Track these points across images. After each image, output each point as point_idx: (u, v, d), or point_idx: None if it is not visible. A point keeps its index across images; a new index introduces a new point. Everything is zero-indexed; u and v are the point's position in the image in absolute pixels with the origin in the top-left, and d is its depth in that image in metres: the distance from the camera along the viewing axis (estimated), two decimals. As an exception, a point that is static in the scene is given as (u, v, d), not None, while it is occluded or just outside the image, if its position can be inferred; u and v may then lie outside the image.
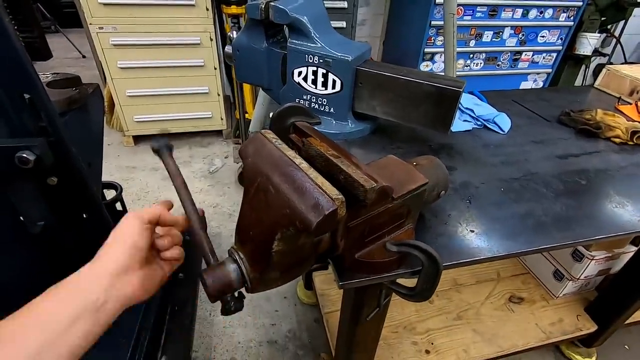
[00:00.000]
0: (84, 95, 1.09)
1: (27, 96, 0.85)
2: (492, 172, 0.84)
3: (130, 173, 2.30)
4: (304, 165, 0.44)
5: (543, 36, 2.74)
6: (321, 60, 0.87)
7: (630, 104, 1.18)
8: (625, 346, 1.44)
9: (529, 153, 0.93)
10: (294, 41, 0.88)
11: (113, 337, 1.15)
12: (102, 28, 2.07)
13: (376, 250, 0.57)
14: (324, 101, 0.93)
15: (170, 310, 1.40)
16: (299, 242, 0.46)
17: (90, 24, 2.05)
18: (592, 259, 1.20)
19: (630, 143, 0.97)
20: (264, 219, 0.44)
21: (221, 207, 2.07)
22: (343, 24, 2.39)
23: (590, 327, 1.26)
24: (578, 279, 1.26)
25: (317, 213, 0.38)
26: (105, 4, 2.00)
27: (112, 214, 1.35)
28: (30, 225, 1.00)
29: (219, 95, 2.49)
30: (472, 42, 2.64)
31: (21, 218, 0.98)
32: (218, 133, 2.72)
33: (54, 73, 1.13)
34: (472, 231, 0.67)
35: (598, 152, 0.95)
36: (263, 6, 0.85)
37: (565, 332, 1.24)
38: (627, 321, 1.27)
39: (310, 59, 0.88)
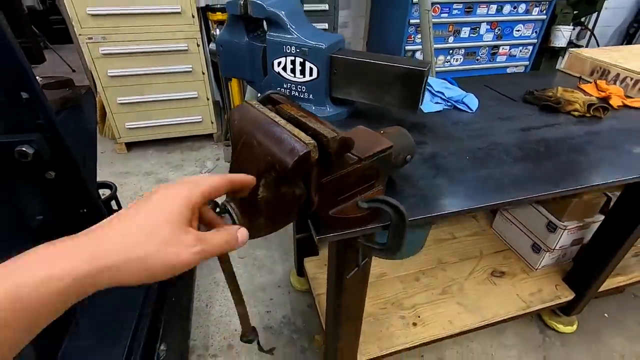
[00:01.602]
0: (77, 95, 1.15)
1: (25, 95, 0.92)
2: (460, 145, 0.91)
3: (124, 178, 2.35)
4: (283, 121, 0.51)
5: (518, 30, 2.86)
6: (298, 50, 0.94)
7: (591, 82, 1.27)
8: (605, 314, 1.52)
9: (494, 128, 1.00)
10: (272, 34, 0.96)
11: (112, 327, 1.20)
12: (91, 38, 2.14)
13: (349, 207, 0.63)
14: (303, 88, 1.00)
15: (168, 301, 1.45)
16: (282, 190, 0.52)
17: (80, 34, 2.12)
18: (565, 229, 1.27)
19: (588, 115, 1.06)
20: (250, 169, 0.51)
21: (214, 206, 2.12)
22: (325, 25, 2.48)
23: (568, 295, 1.33)
24: (554, 249, 1.34)
25: (293, 155, 0.45)
26: (93, 15, 2.06)
27: (108, 212, 1.40)
28: (29, 219, 1.05)
29: (208, 99, 2.56)
30: (451, 39, 2.74)
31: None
32: (209, 137, 2.78)
33: (48, 76, 1.19)
34: (439, 193, 0.74)
35: (558, 124, 1.03)
36: (242, 2, 0.93)
37: (544, 300, 1.31)
38: (602, 288, 1.35)
39: (288, 49, 0.95)
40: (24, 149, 0.91)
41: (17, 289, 0.25)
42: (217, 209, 0.55)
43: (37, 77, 1.18)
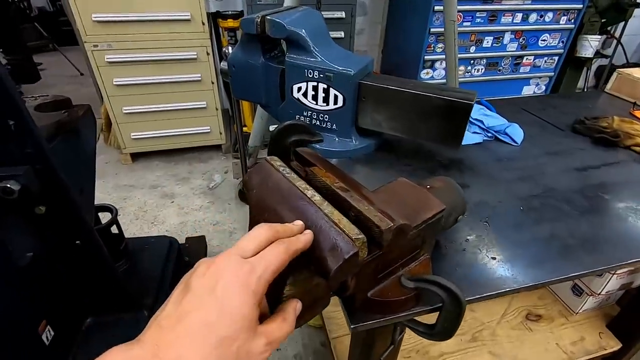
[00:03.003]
0: (74, 118, 1.04)
1: (11, 122, 0.81)
2: (509, 189, 0.78)
3: (128, 192, 2.25)
4: (317, 198, 0.38)
5: (544, 40, 2.70)
6: (321, 75, 0.82)
7: (646, 109, 1.13)
8: (650, 363, 1.37)
9: (545, 166, 0.87)
10: (293, 55, 0.84)
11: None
12: (96, 46, 2.05)
13: (390, 286, 0.51)
14: (326, 117, 0.88)
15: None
16: (313, 284, 0.40)
17: (85, 42, 2.03)
18: (614, 274, 1.13)
19: (652, 152, 0.92)
20: None
21: (222, 224, 2.01)
22: (341, 33, 2.36)
23: (614, 345, 1.19)
24: (599, 294, 1.20)
25: (335, 257, 0.33)
26: (99, 22, 1.97)
27: (107, 238, 1.29)
28: (18, 258, 0.95)
29: (217, 109, 2.45)
30: (473, 48, 2.60)
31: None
32: (217, 148, 2.67)
33: (43, 95, 1.08)
34: (494, 258, 0.61)
35: (618, 162, 0.89)
36: (259, 20, 0.81)
37: (588, 351, 1.17)
38: (652, 337, 1.20)
39: (310, 74, 0.83)
40: (9, 185, 0.80)
41: None
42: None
43: (32, 97, 1.08)
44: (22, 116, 0.81)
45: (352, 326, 0.50)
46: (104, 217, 1.33)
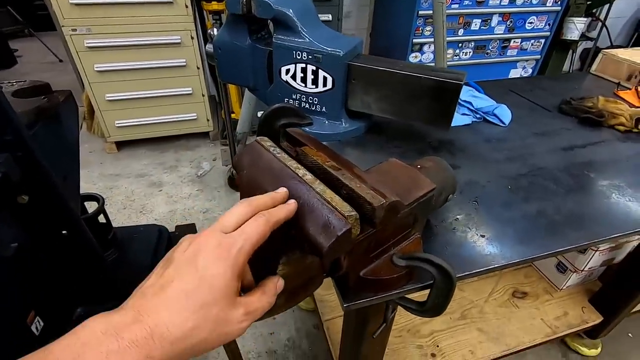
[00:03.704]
0: (54, 104, 1.01)
1: (-13, 108, 0.77)
2: (497, 169, 0.79)
3: (114, 181, 2.21)
4: (309, 177, 0.38)
5: (531, 22, 2.71)
6: (310, 57, 0.80)
7: (630, 89, 1.14)
8: (629, 334, 1.43)
9: (532, 146, 0.88)
10: (280, 37, 0.82)
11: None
12: (75, 30, 1.96)
13: (382, 265, 0.51)
14: (315, 100, 0.87)
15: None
16: (306, 263, 0.40)
17: (63, 26, 1.95)
18: (597, 250, 1.17)
19: (635, 130, 0.94)
20: (267, 241, 0.38)
21: (211, 212, 1.99)
22: (329, 16, 2.32)
23: (596, 319, 1.24)
24: (582, 270, 1.23)
25: (328, 235, 0.32)
26: (77, 4, 1.89)
27: (94, 228, 1.27)
28: (2, 248, 0.92)
29: (203, 95, 2.40)
30: (461, 31, 2.59)
31: (-8, 240, 0.90)
32: (205, 135, 2.63)
33: (21, 81, 1.04)
34: (483, 236, 0.62)
35: (603, 141, 0.91)
36: (245, 0, 0.78)
37: (571, 325, 1.22)
38: (633, 310, 1.25)
39: (298, 56, 0.81)
40: (-13, 173, 0.77)
41: None
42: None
43: (8, 82, 1.04)
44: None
45: (345, 305, 0.50)
46: (91, 207, 1.31)
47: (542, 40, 2.86)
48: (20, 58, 3.92)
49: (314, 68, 0.82)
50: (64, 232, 1.03)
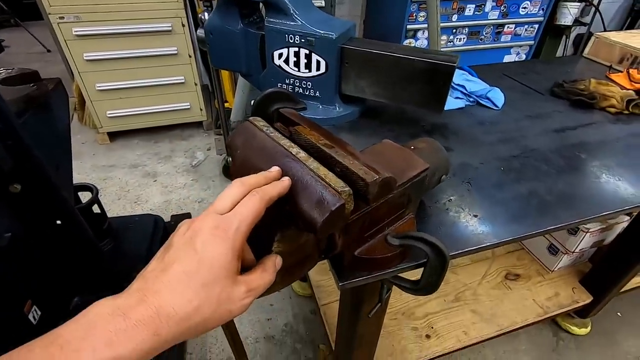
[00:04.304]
0: (44, 92, 0.99)
1: (-25, 96, 0.76)
2: (490, 151, 0.80)
3: (108, 172, 2.19)
4: (302, 155, 0.38)
5: (525, 7, 2.69)
6: (303, 40, 0.80)
7: (621, 71, 1.15)
8: (618, 313, 1.47)
9: (525, 129, 0.89)
10: (272, 20, 0.81)
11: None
12: (62, 18, 1.92)
13: (377, 244, 0.52)
14: (309, 84, 0.86)
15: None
16: (301, 241, 0.41)
17: (50, 13, 1.90)
18: (587, 232, 1.19)
19: (626, 112, 0.95)
20: (261, 219, 0.39)
21: (207, 201, 1.99)
22: (322, 2, 2.29)
23: (586, 299, 1.27)
24: (573, 252, 1.26)
25: (322, 210, 0.33)
26: (64, -9, 1.84)
27: (88, 218, 1.26)
28: (-5, 237, 0.92)
29: (196, 84, 2.38)
30: (455, 17, 2.57)
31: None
32: (198, 124, 2.61)
33: (9, 69, 1.02)
34: (475, 216, 0.63)
35: (594, 123, 0.92)
36: (235, -18, 0.77)
37: (562, 305, 1.25)
38: (621, 290, 1.28)
39: (291, 39, 0.81)
40: (-22, 162, 0.76)
41: None
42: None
43: (-5, 70, 1.02)
44: (-14, 89, 0.76)
45: (340, 284, 0.51)
46: (85, 197, 1.30)
47: (536, 26, 2.85)
48: (7, 49, 3.83)
49: (307, 52, 0.81)
50: (58, 222, 1.02)
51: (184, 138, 2.52)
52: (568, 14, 2.89)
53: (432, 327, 1.17)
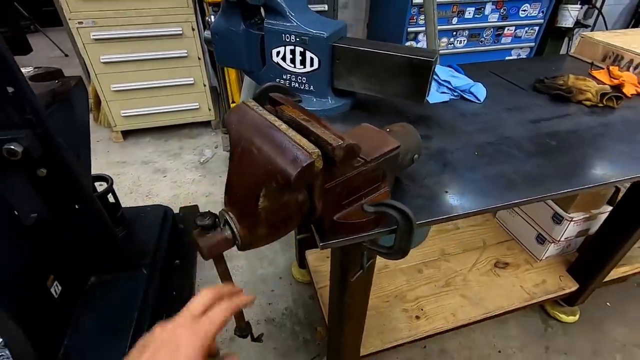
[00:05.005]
0: (67, 88, 1.10)
1: (10, 89, 0.87)
2: (468, 139, 0.87)
3: (121, 168, 2.31)
4: (283, 126, 0.47)
5: (524, 10, 2.75)
6: (298, 39, 0.89)
7: (603, 68, 1.21)
8: (607, 303, 1.52)
9: (503, 120, 0.96)
10: (271, 21, 0.90)
11: (114, 322, 1.19)
12: (81, 23, 2.06)
13: (354, 211, 0.60)
14: (304, 79, 0.95)
15: (169, 296, 1.44)
16: (284, 199, 0.49)
17: (70, 19, 2.04)
18: (571, 221, 1.25)
19: (601, 105, 1.01)
20: (249, 178, 0.47)
21: (214, 195, 2.09)
22: (324, 7, 2.38)
23: (572, 286, 1.33)
24: (559, 240, 1.32)
25: (295, 165, 0.41)
26: (83, -2, 1.98)
27: (104, 206, 1.37)
28: (24, 217, 1.03)
29: (204, 85, 2.49)
30: (455, 20, 2.64)
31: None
32: (207, 124, 2.72)
33: (36, 67, 1.13)
34: (446, 192, 0.70)
35: (569, 115, 0.99)
36: (237, -12, 0.87)
37: (548, 291, 1.30)
38: (607, 279, 1.34)
39: (287, 38, 0.90)
40: (12, 146, 0.87)
41: None
42: (216, 219, 0.52)
43: (24, 69, 1.13)
44: (20, 83, 0.87)
45: (321, 244, 0.59)
46: (100, 188, 1.40)
47: (536, 28, 2.90)
48: (25, 58, 4.03)
49: (302, 49, 0.90)
50: (76, 206, 1.13)
51: (193, 136, 2.64)
52: (569, 17, 2.94)
53: (422, 309, 1.24)
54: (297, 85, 0.97)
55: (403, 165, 0.68)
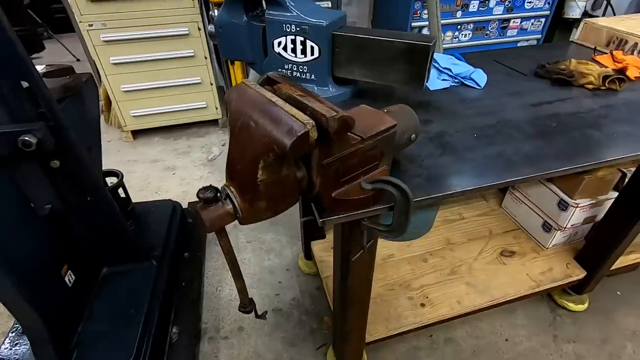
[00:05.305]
0: (78, 83, 1.14)
1: (25, 84, 0.91)
2: (468, 122, 0.88)
3: (131, 166, 2.36)
4: (280, 101, 0.49)
5: (530, 1, 2.73)
6: (298, 28, 0.91)
7: (606, 53, 1.21)
8: (617, 292, 1.50)
9: (504, 104, 0.97)
10: (271, 12, 0.93)
11: (125, 311, 1.22)
12: (91, 25, 2.11)
13: (352, 189, 0.62)
14: (305, 69, 0.97)
15: (179, 287, 1.47)
16: (282, 173, 0.51)
17: (80, 22, 2.10)
18: (577, 207, 1.24)
19: (603, 88, 1.01)
20: (248, 151, 0.49)
21: (221, 191, 2.12)
22: (328, 4, 2.40)
23: (579, 274, 1.31)
24: (565, 227, 1.31)
25: (291, 135, 0.43)
26: (93, 1, 2.03)
27: (115, 199, 1.41)
28: (38, 208, 1.07)
29: (211, 84, 2.53)
30: (459, 13, 2.64)
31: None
32: (214, 122, 2.77)
33: (49, 64, 1.18)
34: (446, 172, 0.71)
35: (571, 98, 0.99)
36: (239, -20, 0.89)
37: (555, 279, 1.30)
38: (615, 266, 1.32)
39: (288, 28, 0.92)
40: (27, 138, 0.90)
41: None
42: (218, 193, 0.54)
43: (39, 66, 1.18)
44: (34, 78, 0.91)
45: (320, 220, 0.61)
46: (111, 183, 1.44)
47: (542, 20, 2.88)
48: (41, 59, 4.14)
49: (302, 39, 0.92)
50: (89, 198, 1.16)
51: (201, 135, 2.68)
52: (576, 7, 2.90)
53: (427, 297, 1.24)
54: (298, 74, 0.99)
55: (400, 144, 0.69)
